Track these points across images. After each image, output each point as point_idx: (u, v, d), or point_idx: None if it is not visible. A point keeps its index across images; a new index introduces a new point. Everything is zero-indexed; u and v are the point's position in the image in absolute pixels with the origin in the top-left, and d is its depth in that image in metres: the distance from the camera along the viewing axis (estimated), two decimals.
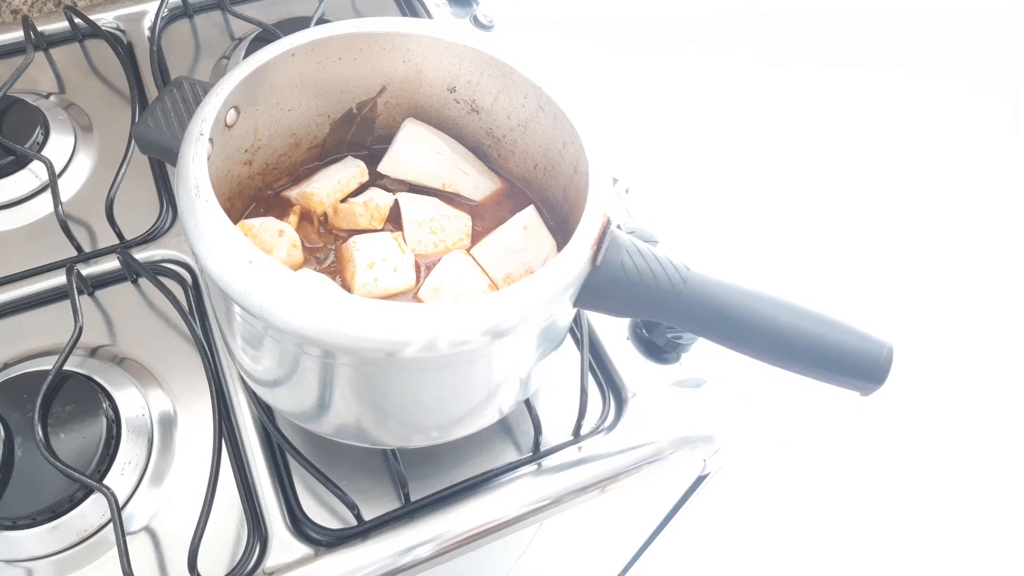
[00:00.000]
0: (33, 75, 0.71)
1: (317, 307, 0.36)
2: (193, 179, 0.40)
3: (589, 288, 0.40)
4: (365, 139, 0.55)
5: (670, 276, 0.39)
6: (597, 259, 0.39)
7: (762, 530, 1.29)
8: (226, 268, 0.37)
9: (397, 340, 0.36)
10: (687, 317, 0.41)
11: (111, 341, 0.57)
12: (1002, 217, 1.70)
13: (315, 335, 0.36)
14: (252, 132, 0.48)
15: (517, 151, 0.52)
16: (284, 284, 0.37)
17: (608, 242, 0.39)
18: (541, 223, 0.50)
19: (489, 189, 0.53)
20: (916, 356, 1.46)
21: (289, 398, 0.47)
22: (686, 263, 0.40)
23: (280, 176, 0.53)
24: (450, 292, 0.47)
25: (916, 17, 2.06)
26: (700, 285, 0.40)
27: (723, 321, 0.40)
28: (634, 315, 0.43)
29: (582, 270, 0.39)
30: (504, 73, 0.48)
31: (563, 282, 0.38)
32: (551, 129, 0.47)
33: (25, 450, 0.49)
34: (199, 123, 0.42)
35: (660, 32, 1.92)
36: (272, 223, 0.48)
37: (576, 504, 0.54)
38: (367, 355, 0.37)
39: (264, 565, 0.48)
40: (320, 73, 0.49)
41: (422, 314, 0.36)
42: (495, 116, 0.51)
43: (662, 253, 0.40)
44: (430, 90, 0.52)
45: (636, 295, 0.40)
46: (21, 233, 0.62)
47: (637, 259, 0.39)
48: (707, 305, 0.40)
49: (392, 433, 0.47)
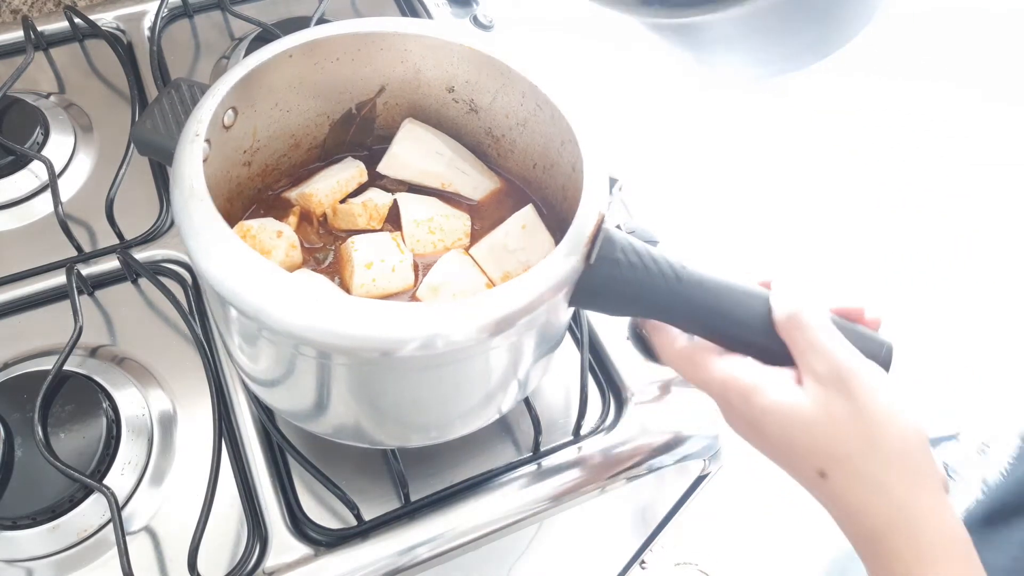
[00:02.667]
0: (33, 75, 0.71)
1: (310, 307, 0.36)
2: (188, 180, 0.40)
3: (584, 287, 0.40)
4: (365, 139, 0.55)
5: (665, 274, 0.39)
6: (591, 257, 0.39)
7: (762, 530, 1.28)
8: (220, 269, 0.37)
9: (389, 339, 0.36)
10: (683, 315, 0.41)
11: (111, 341, 0.57)
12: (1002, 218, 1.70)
13: (308, 335, 0.36)
14: (251, 133, 0.48)
15: (516, 150, 0.52)
16: (277, 285, 0.37)
17: (602, 241, 0.39)
18: (540, 222, 0.50)
19: (488, 188, 0.53)
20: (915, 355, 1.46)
21: (287, 398, 0.47)
22: (682, 261, 0.40)
23: (280, 177, 0.53)
24: (448, 291, 0.47)
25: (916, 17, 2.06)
26: (695, 283, 0.40)
27: (719, 319, 0.40)
28: (630, 313, 0.43)
29: (575, 269, 0.39)
30: (501, 72, 0.48)
31: (556, 281, 0.38)
32: (549, 128, 0.47)
33: (25, 450, 0.49)
34: (195, 124, 0.42)
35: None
36: (271, 224, 0.48)
37: (576, 504, 0.54)
38: (361, 355, 0.38)
39: (264, 565, 0.48)
40: (318, 74, 0.49)
41: (412, 314, 0.36)
42: (494, 115, 0.51)
43: (657, 251, 0.40)
44: (429, 90, 0.52)
45: (631, 293, 0.40)
46: (21, 233, 0.62)
47: (632, 257, 0.39)
48: (702, 303, 0.40)
49: (391, 433, 0.47)
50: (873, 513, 0.36)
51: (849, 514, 0.37)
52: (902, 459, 0.36)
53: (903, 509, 0.36)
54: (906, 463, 0.36)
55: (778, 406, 0.38)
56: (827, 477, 0.37)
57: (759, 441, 0.40)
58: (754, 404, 0.39)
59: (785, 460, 0.39)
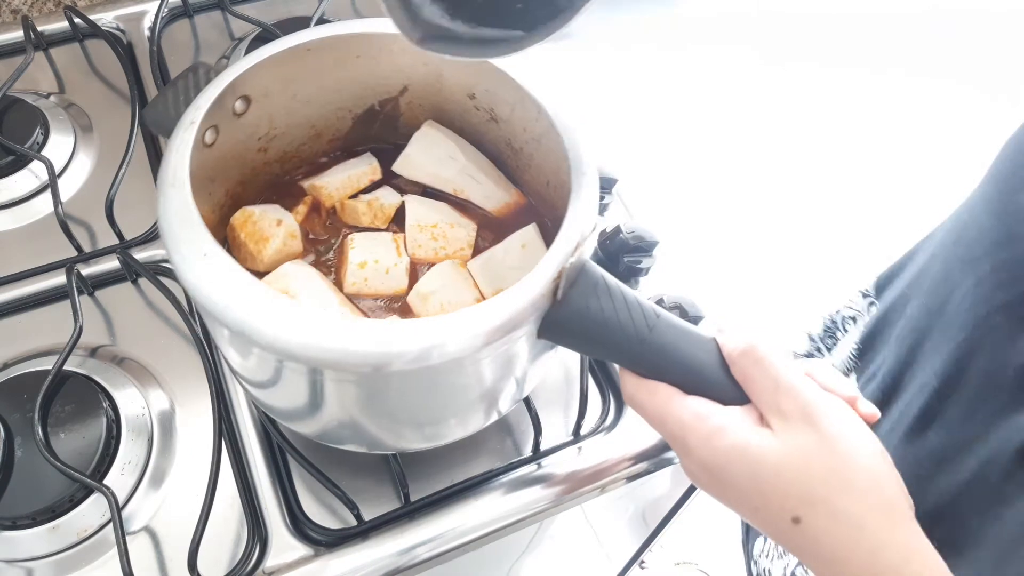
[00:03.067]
0: (33, 75, 0.71)
1: (260, 306, 0.36)
2: (172, 167, 0.40)
3: (550, 322, 0.38)
4: (390, 136, 0.55)
5: (635, 322, 0.38)
6: (558, 294, 0.37)
7: None
8: (183, 257, 0.37)
9: (373, 353, 0.35)
10: (649, 366, 0.38)
11: (111, 341, 0.57)
12: None
13: (252, 333, 0.36)
14: (267, 121, 0.49)
15: (533, 165, 0.51)
16: (235, 281, 0.36)
17: (574, 277, 0.38)
18: (541, 243, 0.48)
19: (502, 200, 0.52)
20: None
21: (281, 406, 0.46)
22: (656, 310, 0.38)
23: (301, 164, 0.53)
24: (436, 301, 0.46)
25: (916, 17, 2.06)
26: (666, 334, 0.38)
27: (686, 374, 0.38)
28: (595, 356, 0.41)
29: (542, 303, 0.37)
30: (516, 87, 0.47)
31: (520, 313, 0.37)
32: (559, 147, 0.46)
33: (25, 450, 0.49)
34: (192, 111, 0.42)
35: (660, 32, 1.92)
36: (273, 211, 0.48)
37: (576, 504, 0.54)
38: (346, 369, 0.37)
39: (264, 565, 0.48)
40: (339, 69, 0.49)
41: (393, 330, 0.35)
42: (513, 127, 0.50)
43: (633, 295, 0.38)
44: (451, 94, 0.51)
45: (598, 336, 0.38)
46: (21, 233, 0.62)
47: (604, 300, 0.38)
48: (671, 357, 0.38)
49: (387, 439, 0.47)
50: (853, 559, 0.34)
51: (828, 561, 0.34)
52: (876, 493, 0.34)
53: (884, 548, 0.34)
54: (880, 497, 0.34)
55: (744, 448, 0.35)
56: (801, 522, 0.34)
57: (722, 490, 0.37)
58: (718, 447, 0.36)
59: (752, 508, 0.36)
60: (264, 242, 0.47)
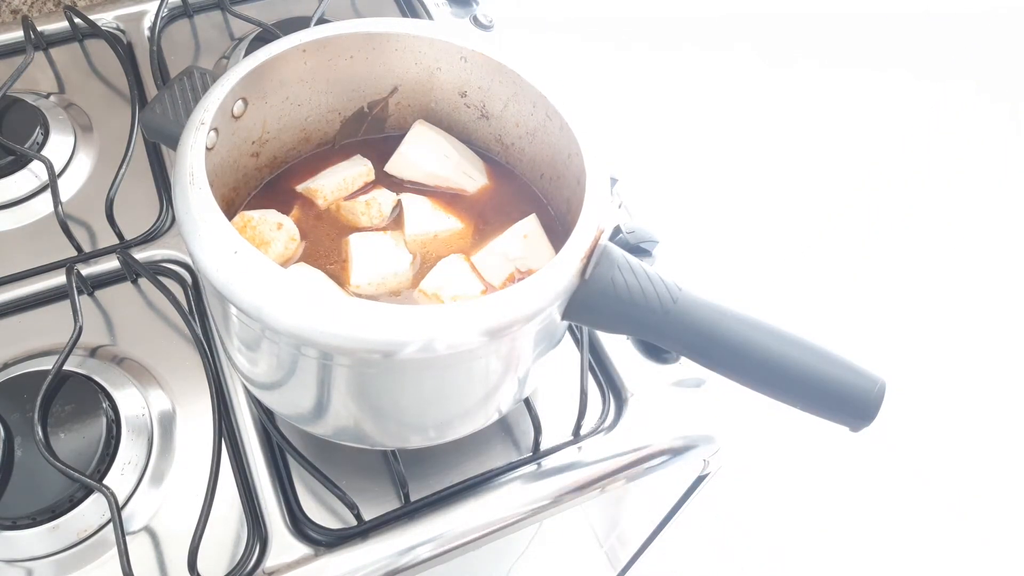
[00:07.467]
0: (33, 75, 0.71)
1: (299, 300, 0.36)
2: (189, 167, 0.40)
3: (577, 301, 0.39)
4: (375, 136, 0.54)
5: (660, 295, 0.39)
6: (586, 273, 0.39)
7: (762, 530, 1.28)
8: (211, 257, 0.37)
9: (390, 341, 0.36)
10: (675, 338, 0.40)
11: (111, 341, 0.57)
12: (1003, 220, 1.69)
13: (305, 334, 0.36)
14: (261, 124, 0.48)
15: (525, 159, 0.52)
16: (267, 276, 0.37)
17: (599, 256, 0.39)
18: (542, 232, 0.49)
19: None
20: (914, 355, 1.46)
21: (286, 400, 0.47)
22: (678, 283, 0.40)
23: (288, 169, 0.53)
24: (446, 295, 0.46)
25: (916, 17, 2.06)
26: (690, 307, 0.39)
27: (711, 346, 0.39)
28: (622, 332, 0.42)
29: (571, 283, 0.39)
30: (513, 81, 0.47)
31: (550, 293, 0.38)
32: (557, 139, 0.47)
33: (25, 450, 0.49)
34: (201, 112, 0.42)
35: (660, 32, 1.92)
36: (272, 215, 0.48)
37: (576, 504, 0.54)
38: (361, 356, 0.37)
39: (264, 565, 0.48)
40: (331, 70, 0.49)
41: (413, 315, 0.36)
42: (504, 123, 0.51)
43: (654, 271, 0.40)
44: (441, 93, 0.52)
45: (624, 312, 0.39)
46: (21, 233, 0.62)
47: (628, 276, 0.39)
48: (696, 328, 0.39)
49: (390, 434, 0.47)
50: None
51: None
52: None
53: None
54: None
55: None
56: None
57: None
58: None
59: None
60: (265, 246, 0.47)
